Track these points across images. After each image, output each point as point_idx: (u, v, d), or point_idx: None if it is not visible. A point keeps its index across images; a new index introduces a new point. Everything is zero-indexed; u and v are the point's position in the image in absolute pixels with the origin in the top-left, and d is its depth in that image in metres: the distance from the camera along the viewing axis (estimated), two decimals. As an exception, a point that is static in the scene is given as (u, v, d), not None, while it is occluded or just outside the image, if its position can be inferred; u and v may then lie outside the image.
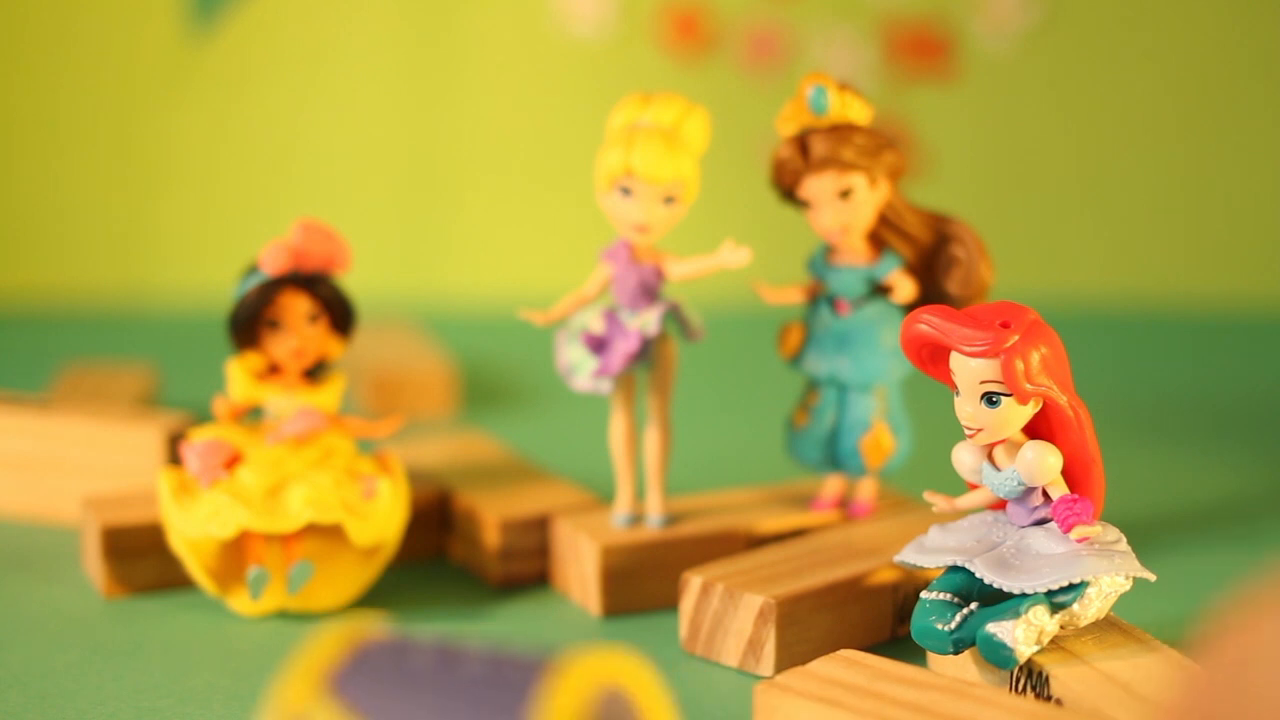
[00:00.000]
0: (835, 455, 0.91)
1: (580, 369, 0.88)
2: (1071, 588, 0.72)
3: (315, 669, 0.55)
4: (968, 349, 0.72)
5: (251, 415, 0.91)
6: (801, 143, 0.87)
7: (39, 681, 0.78)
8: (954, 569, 0.75)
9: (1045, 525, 0.74)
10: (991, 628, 0.71)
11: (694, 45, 1.70)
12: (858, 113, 0.86)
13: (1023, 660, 0.71)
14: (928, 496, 0.78)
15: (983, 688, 0.68)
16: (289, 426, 0.87)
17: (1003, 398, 0.72)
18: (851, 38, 1.70)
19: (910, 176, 1.60)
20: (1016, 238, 1.72)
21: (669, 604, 0.87)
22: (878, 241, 0.89)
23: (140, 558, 0.90)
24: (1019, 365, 0.71)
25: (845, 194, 0.87)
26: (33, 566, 0.94)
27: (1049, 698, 0.71)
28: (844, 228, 0.87)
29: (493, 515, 0.92)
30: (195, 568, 0.86)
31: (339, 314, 0.89)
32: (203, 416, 1.00)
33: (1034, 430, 0.74)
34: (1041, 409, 0.73)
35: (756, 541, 0.90)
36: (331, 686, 0.54)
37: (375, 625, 0.57)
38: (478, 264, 1.73)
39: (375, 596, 0.89)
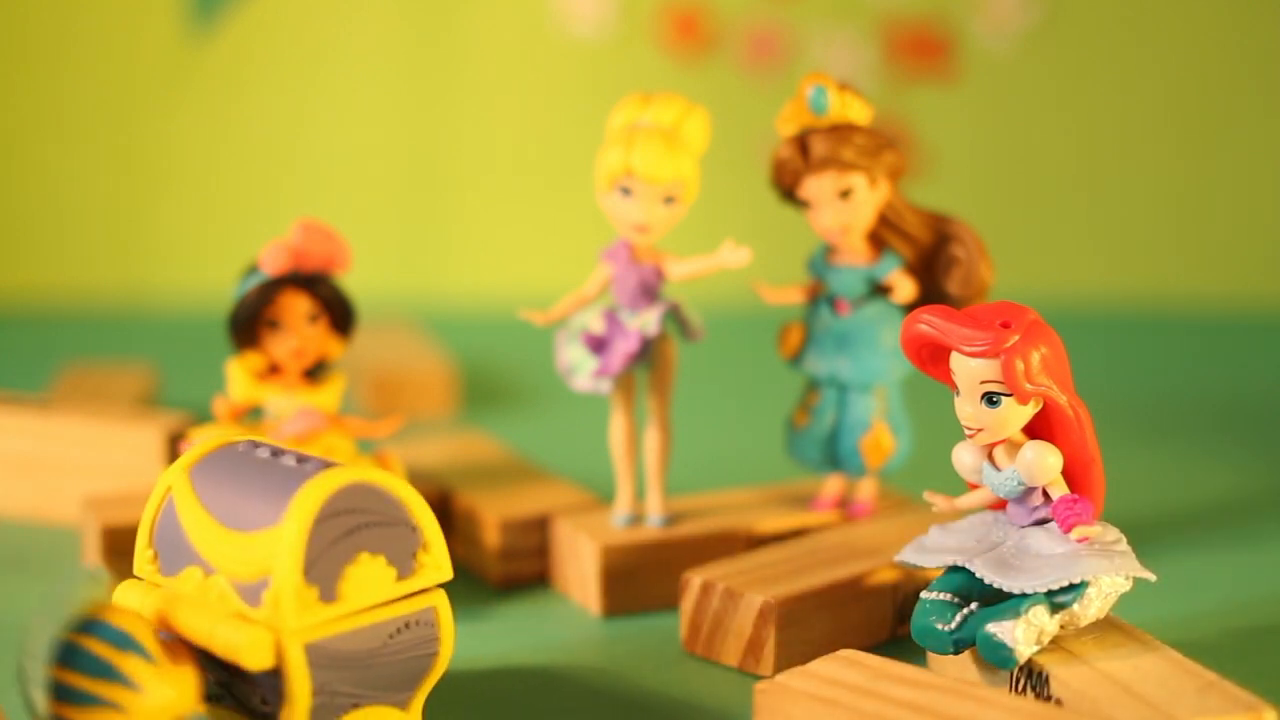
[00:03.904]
0: (835, 455, 0.91)
1: (580, 369, 0.88)
2: (1071, 588, 0.72)
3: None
4: (968, 349, 0.72)
5: (251, 415, 0.90)
6: (801, 143, 0.87)
7: (39, 681, 0.78)
8: (954, 569, 0.75)
9: (1045, 525, 0.74)
10: (991, 628, 0.71)
11: (694, 45, 1.70)
12: (858, 113, 0.86)
13: (1023, 660, 0.71)
14: (928, 496, 0.78)
15: (983, 688, 0.68)
16: (289, 426, 0.87)
17: (1003, 398, 0.72)
18: (851, 38, 1.70)
19: (910, 176, 1.60)
20: (1016, 238, 1.72)
21: (669, 604, 0.87)
22: (878, 241, 0.89)
23: (140, 558, 0.89)
24: (1019, 365, 0.71)
25: (845, 194, 0.87)
26: (33, 566, 0.94)
27: (1049, 698, 0.71)
28: (844, 228, 0.87)
29: (493, 515, 0.92)
30: (195, 568, 0.86)
31: (339, 314, 0.89)
32: (203, 416, 1.00)
33: (1034, 430, 0.74)
34: (1041, 409, 0.73)
35: (756, 541, 0.90)
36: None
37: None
38: (478, 264, 1.73)
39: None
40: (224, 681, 0.70)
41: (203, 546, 0.69)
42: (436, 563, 0.70)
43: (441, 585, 0.71)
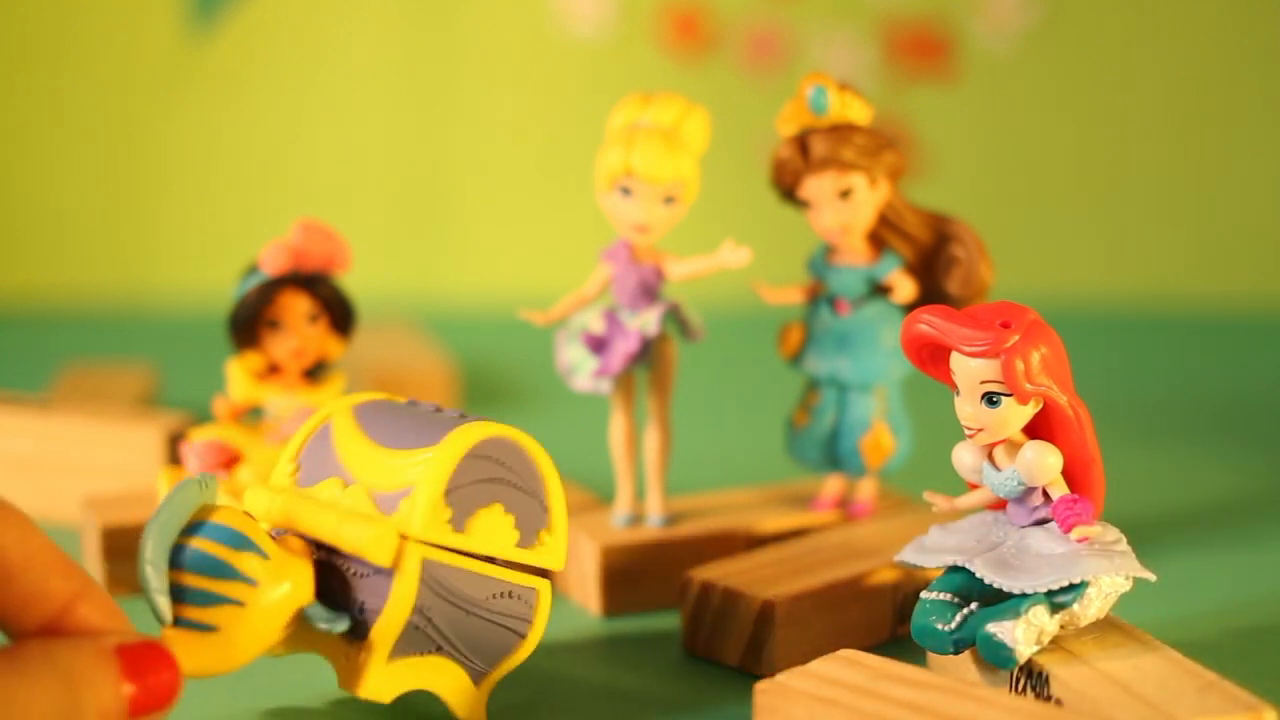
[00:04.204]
0: (835, 455, 0.91)
1: (580, 369, 0.88)
2: (1071, 588, 0.72)
3: None
4: (968, 349, 0.72)
5: (251, 415, 0.91)
6: (801, 143, 0.87)
7: (39, 681, 0.78)
8: (954, 569, 0.75)
9: (1045, 525, 0.74)
10: (991, 628, 0.71)
11: (694, 45, 1.70)
12: (858, 113, 0.86)
13: (1023, 660, 0.71)
14: (928, 496, 0.78)
15: (983, 688, 0.68)
16: (289, 426, 0.87)
17: (1003, 398, 0.72)
18: (851, 38, 1.70)
19: (910, 176, 1.60)
20: (1016, 238, 1.72)
21: (669, 604, 0.87)
22: (878, 241, 0.89)
23: (140, 558, 0.89)
24: (1019, 365, 0.71)
25: (845, 194, 0.86)
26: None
27: (1049, 698, 0.71)
28: (844, 228, 0.87)
29: (493, 515, 0.92)
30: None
31: (339, 314, 0.89)
32: (203, 416, 1.00)
33: (1034, 430, 0.74)
34: (1041, 409, 0.73)
35: (756, 541, 0.90)
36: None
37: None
38: (478, 264, 1.73)
39: (375, 596, 0.89)
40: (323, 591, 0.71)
41: (349, 460, 0.72)
42: (553, 550, 0.73)
43: (549, 574, 0.74)
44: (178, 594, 0.67)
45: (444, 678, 0.71)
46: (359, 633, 0.70)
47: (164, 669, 0.62)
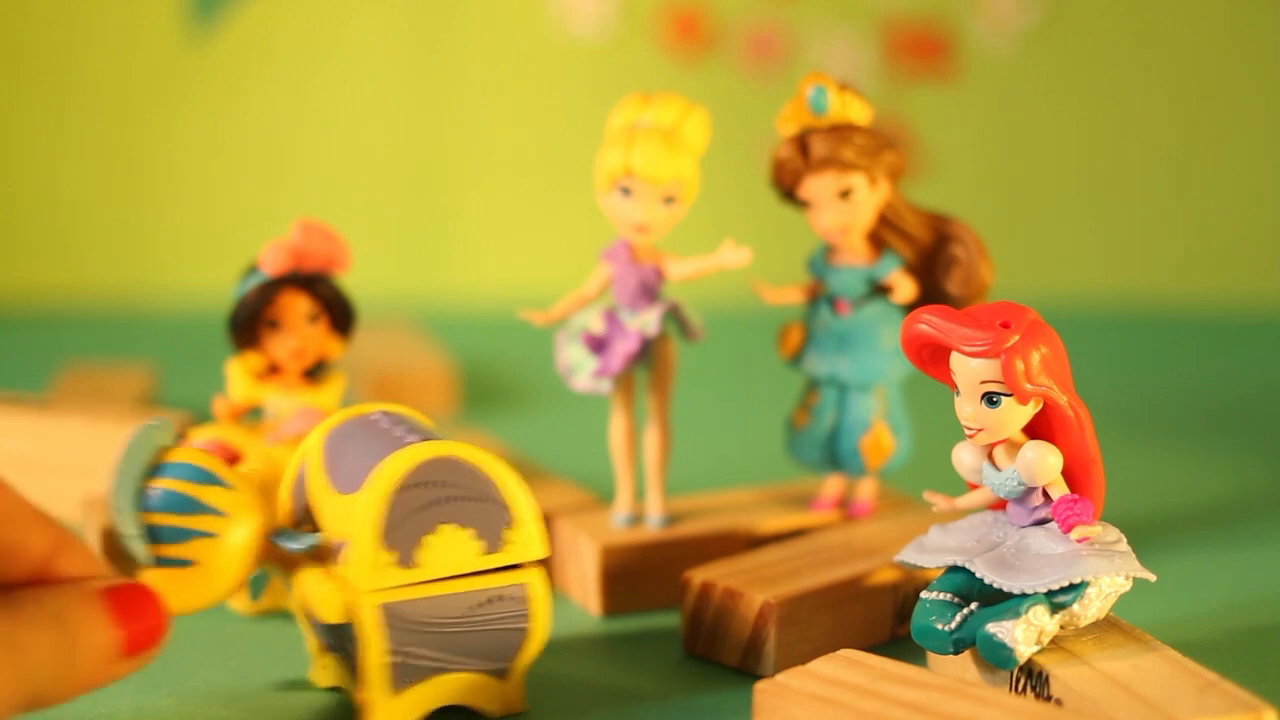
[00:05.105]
0: (835, 455, 0.91)
1: (580, 369, 0.88)
2: (1071, 588, 0.72)
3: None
4: (968, 349, 0.72)
5: (251, 415, 0.91)
6: (801, 143, 0.87)
7: (39, 681, 0.77)
8: (954, 569, 0.75)
9: (1045, 525, 0.74)
10: (991, 628, 0.71)
11: (694, 45, 1.70)
12: (858, 113, 0.86)
13: (1023, 660, 0.71)
14: (928, 496, 0.78)
15: (983, 688, 0.68)
16: (289, 426, 0.87)
17: (1003, 398, 0.72)
18: (851, 38, 1.70)
19: (910, 176, 1.60)
20: (1016, 238, 1.72)
21: (669, 604, 0.87)
22: (878, 241, 0.89)
23: (140, 558, 0.89)
24: (1019, 365, 0.71)
25: (845, 194, 0.86)
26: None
27: (1049, 698, 0.71)
28: (844, 228, 0.87)
29: (493, 515, 0.92)
30: (195, 567, 0.86)
31: (339, 314, 0.89)
32: (203, 416, 1.00)
33: (1034, 430, 0.74)
34: (1041, 409, 0.73)
35: (756, 541, 0.90)
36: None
37: None
38: (478, 264, 1.73)
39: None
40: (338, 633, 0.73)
41: (316, 506, 0.73)
42: (527, 540, 0.72)
43: (539, 562, 0.73)
44: (152, 534, 0.69)
45: (461, 689, 0.72)
46: (358, 674, 0.71)
47: (150, 608, 0.64)
